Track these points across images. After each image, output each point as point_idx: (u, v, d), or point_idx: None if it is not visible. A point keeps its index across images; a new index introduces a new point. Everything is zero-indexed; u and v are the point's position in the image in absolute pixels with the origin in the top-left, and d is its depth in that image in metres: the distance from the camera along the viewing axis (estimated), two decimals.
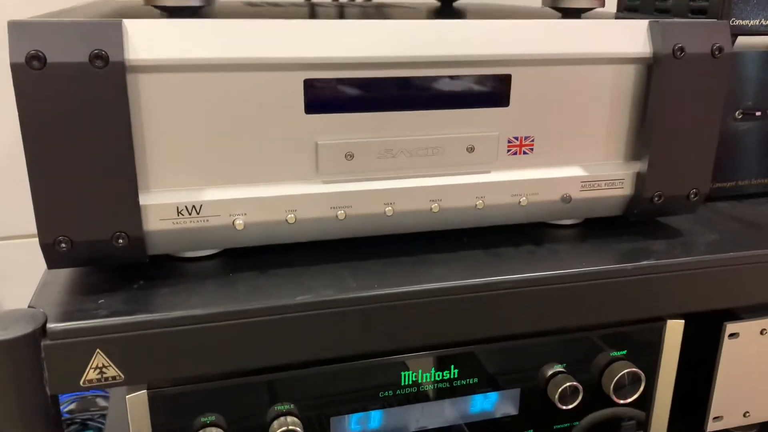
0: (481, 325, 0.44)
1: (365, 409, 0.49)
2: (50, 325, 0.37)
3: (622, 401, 0.53)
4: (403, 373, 0.49)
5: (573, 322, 0.47)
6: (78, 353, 0.37)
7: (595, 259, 0.47)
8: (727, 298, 0.49)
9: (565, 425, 0.54)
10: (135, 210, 0.39)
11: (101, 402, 1.23)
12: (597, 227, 0.52)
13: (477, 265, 0.46)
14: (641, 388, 0.53)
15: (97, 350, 0.38)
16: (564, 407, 0.52)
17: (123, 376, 0.38)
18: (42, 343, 0.37)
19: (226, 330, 0.39)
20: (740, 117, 0.58)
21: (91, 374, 0.38)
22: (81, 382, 0.38)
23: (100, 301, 0.40)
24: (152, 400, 0.44)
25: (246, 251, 0.47)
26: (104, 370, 0.38)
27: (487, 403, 0.52)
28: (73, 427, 1.26)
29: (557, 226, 0.53)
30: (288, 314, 0.40)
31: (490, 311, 0.44)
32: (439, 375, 0.50)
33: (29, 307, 0.39)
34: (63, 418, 1.27)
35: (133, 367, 0.38)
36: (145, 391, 0.43)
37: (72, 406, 1.31)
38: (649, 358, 0.54)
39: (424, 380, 0.50)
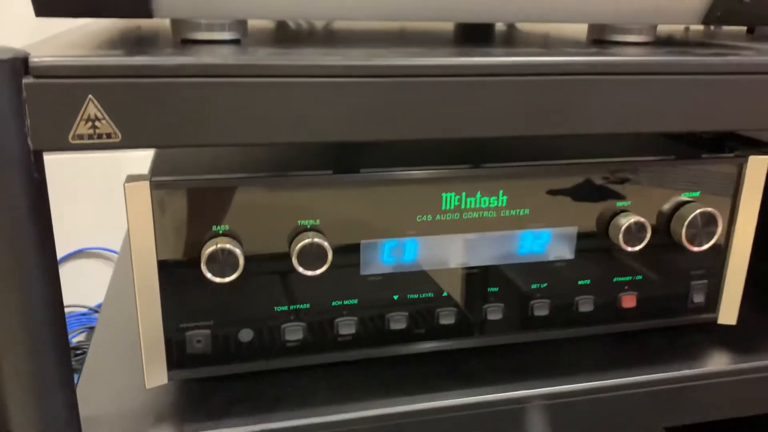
0: (539, 119, 0.38)
1: (400, 235, 0.42)
2: (33, 59, 0.31)
3: (695, 248, 0.46)
4: (444, 195, 0.42)
5: (642, 126, 0.39)
6: (66, 98, 0.31)
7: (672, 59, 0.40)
8: None
9: (627, 278, 0.47)
10: None
11: None
12: (669, 47, 0.46)
13: (537, 54, 0.39)
14: (716, 234, 0.46)
15: (89, 96, 0.31)
16: (628, 248, 0.45)
17: (119, 134, 0.32)
18: (23, 82, 0.31)
19: (241, 89, 0.33)
20: None
21: (81, 128, 0.32)
22: (70, 137, 0.32)
23: (96, 51, 0.34)
24: (156, 195, 0.38)
25: (270, 43, 0.40)
26: (97, 123, 0.32)
27: (537, 244, 0.45)
28: (81, 357, 1.22)
29: (623, 43, 0.46)
30: (311, 77, 0.34)
31: (553, 102, 0.37)
32: (485, 201, 0.43)
33: None
34: (71, 347, 1.22)
35: (130, 123, 0.32)
36: (147, 181, 0.37)
37: (80, 337, 1.27)
38: (725, 201, 0.47)
39: (467, 206, 0.43)
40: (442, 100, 0.36)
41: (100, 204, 1.12)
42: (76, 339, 1.25)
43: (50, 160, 0.33)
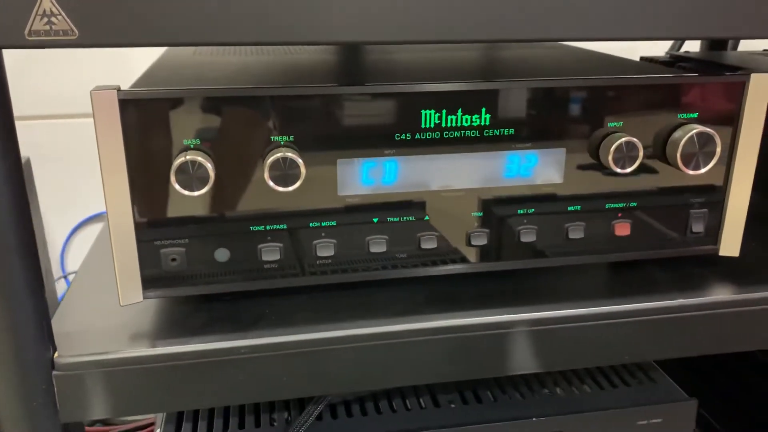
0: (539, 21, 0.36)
1: (378, 154, 0.41)
2: None
3: (691, 171, 0.44)
4: (423, 112, 0.41)
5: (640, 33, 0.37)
6: None
7: None
8: None
9: (620, 204, 0.46)
10: None
11: None
12: None
13: None
14: (715, 156, 0.44)
15: None
16: (619, 170, 0.43)
17: (76, 32, 0.32)
18: None
19: None
20: None
21: (37, 24, 0.31)
22: (26, 33, 0.31)
23: None
24: (124, 105, 0.37)
25: None
26: (53, 20, 0.31)
27: (524, 167, 0.44)
28: None
29: None
30: None
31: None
32: (466, 119, 0.42)
33: None
34: None
35: (87, 20, 0.32)
36: (115, 90, 0.37)
37: None
38: (726, 123, 0.45)
39: (448, 124, 0.42)
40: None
41: None
42: None
43: (67, 124, 0.33)
